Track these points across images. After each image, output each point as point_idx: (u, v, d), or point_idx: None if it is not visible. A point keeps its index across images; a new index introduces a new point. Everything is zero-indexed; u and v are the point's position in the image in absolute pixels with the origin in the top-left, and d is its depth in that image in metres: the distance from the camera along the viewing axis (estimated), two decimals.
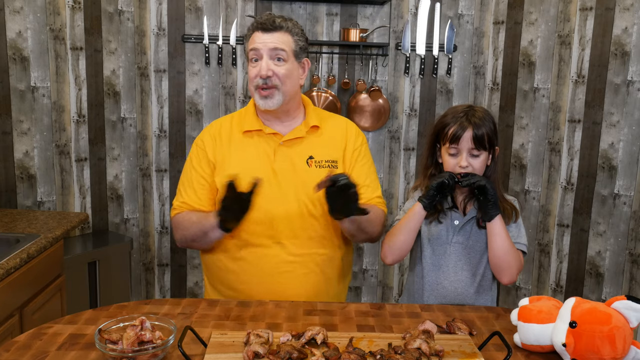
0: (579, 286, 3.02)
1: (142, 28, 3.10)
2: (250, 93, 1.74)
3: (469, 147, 1.59)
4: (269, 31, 1.66)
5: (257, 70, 1.67)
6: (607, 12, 2.79)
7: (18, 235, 2.16)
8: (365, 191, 1.78)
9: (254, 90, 1.69)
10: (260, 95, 1.68)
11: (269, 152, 1.72)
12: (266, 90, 1.67)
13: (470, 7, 3.21)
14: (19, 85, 2.69)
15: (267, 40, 1.66)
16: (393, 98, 3.28)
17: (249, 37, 1.71)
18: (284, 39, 1.67)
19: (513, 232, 1.66)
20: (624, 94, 2.81)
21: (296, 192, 1.70)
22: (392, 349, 1.26)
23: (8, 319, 1.92)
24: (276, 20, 1.67)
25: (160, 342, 1.22)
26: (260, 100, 1.69)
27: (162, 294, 3.38)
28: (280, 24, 1.67)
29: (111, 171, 3.11)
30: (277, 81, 1.67)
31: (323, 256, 1.73)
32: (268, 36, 1.66)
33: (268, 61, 1.66)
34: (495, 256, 1.62)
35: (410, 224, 1.64)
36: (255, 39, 1.68)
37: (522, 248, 1.66)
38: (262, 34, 1.67)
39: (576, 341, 1.21)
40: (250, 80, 1.70)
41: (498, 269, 1.64)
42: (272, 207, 1.69)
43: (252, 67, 1.69)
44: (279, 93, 1.68)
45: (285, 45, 1.67)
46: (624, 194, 2.86)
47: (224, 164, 1.73)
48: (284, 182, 1.70)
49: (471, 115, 1.61)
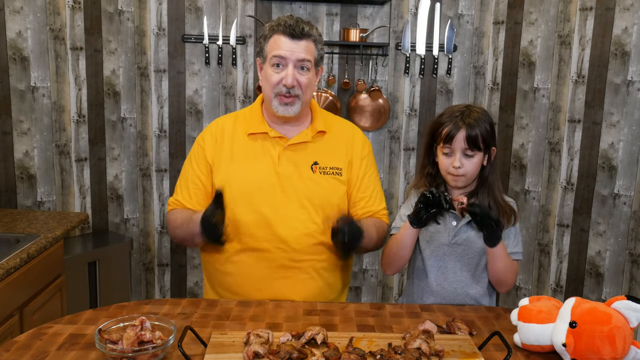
0: (579, 286, 3.02)
1: (142, 28, 3.10)
2: (266, 97, 1.70)
3: (462, 147, 1.59)
4: (296, 38, 1.62)
5: (281, 77, 1.63)
6: (607, 12, 2.79)
7: (18, 235, 2.16)
8: (372, 204, 1.79)
9: (272, 96, 1.66)
10: (281, 102, 1.66)
11: (273, 155, 1.71)
12: (289, 99, 1.65)
13: (470, 7, 3.21)
14: (19, 85, 2.69)
15: (294, 48, 1.62)
16: (393, 98, 3.28)
17: (269, 37, 1.66)
18: (310, 48, 1.65)
19: (510, 238, 1.66)
20: (624, 94, 2.81)
21: (299, 197, 1.69)
22: (392, 349, 1.26)
23: (8, 319, 1.92)
24: (304, 28, 1.63)
25: (160, 342, 1.22)
26: (280, 107, 1.66)
27: (162, 294, 3.39)
28: (308, 32, 1.63)
29: (111, 171, 3.11)
30: (300, 91, 1.65)
31: (323, 262, 1.72)
32: (295, 44, 1.62)
33: (294, 70, 1.63)
34: (496, 275, 1.65)
35: (404, 241, 1.66)
36: (281, 44, 1.63)
37: (518, 257, 1.68)
38: (289, 40, 1.62)
39: (576, 341, 1.21)
40: (270, 85, 1.65)
41: (497, 282, 1.68)
42: (274, 212, 1.68)
43: (274, 73, 1.64)
44: (299, 101, 1.67)
45: (311, 55, 1.65)
46: (624, 194, 2.86)
47: (221, 166, 1.72)
48: (287, 186, 1.69)
49: (466, 115, 1.60)
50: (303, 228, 1.68)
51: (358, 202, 1.78)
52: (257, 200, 1.68)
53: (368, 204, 1.78)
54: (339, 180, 1.74)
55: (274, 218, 1.67)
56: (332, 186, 1.72)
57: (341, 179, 1.74)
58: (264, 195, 1.68)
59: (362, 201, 1.78)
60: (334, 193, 1.73)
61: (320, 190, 1.71)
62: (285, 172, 1.70)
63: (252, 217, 1.67)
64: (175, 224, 1.75)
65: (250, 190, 1.68)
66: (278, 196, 1.68)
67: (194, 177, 1.76)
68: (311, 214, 1.69)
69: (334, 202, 1.73)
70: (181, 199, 1.77)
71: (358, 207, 1.78)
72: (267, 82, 1.68)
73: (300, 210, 1.69)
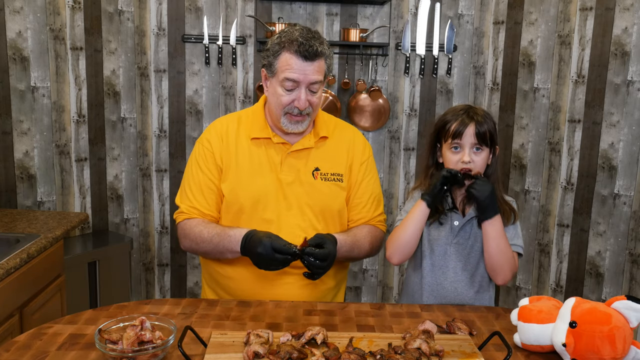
0: (579, 286, 3.02)
1: (142, 28, 3.10)
2: (274, 112, 1.67)
3: (472, 142, 1.59)
4: (309, 60, 1.58)
5: (292, 99, 1.61)
6: (607, 12, 2.79)
7: (18, 235, 2.16)
8: (368, 210, 1.78)
9: (281, 114, 1.64)
10: (291, 121, 1.65)
11: (276, 161, 1.70)
12: (299, 117, 1.64)
13: (470, 7, 3.21)
14: (19, 85, 2.69)
15: (307, 70, 1.58)
16: (393, 98, 3.28)
17: (279, 53, 1.60)
18: (321, 67, 1.61)
19: (510, 233, 1.66)
20: (624, 94, 2.81)
21: (300, 204, 1.69)
22: (392, 349, 1.26)
23: (8, 319, 1.92)
24: (317, 48, 1.58)
25: (160, 342, 1.22)
26: (290, 125, 1.65)
27: (162, 294, 3.38)
28: (321, 52, 1.59)
29: (111, 171, 3.11)
30: (310, 110, 1.65)
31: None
32: (308, 66, 1.58)
33: (306, 93, 1.61)
34: (489, 256, 1.63)
35: (414, 221, 1.62)
36: (293, 65, 1.58)
37: (518, 250, 1.67)
38: (301, 61, 1.57)
39: (576, 341, 1.21)
40: (280, 105, 1.63)
41: (491, 268, 1.65)
42: (275, 217, 1.68)
43: (285, 94, 1.61)
44: (308, 118, 1.67)
45: (322, 75, 1.63)
46: (624, 194, 2.86)
47: (229, 169, 1.70)
48: (289, 193, 1.69)
49: (472, 112, 1.62)
50: (304, 234, 1.67)
51: (354, 207, 1.77)
52: (260, 207, 1.68)
53: (364, 210, 1.78)
54: (340, 186, 1.74)
55: (275, 224, 1.67)
56: (332, 192, 1.72)
57: (342, 185, 1.74)
58: (266, 202, 1.68)
59: (358, 207, 1.77)
60: (335, 199, 1.73)
61: (321, 196, 1.70)
62: (287, 179, 1.69)
63: (254, 223, 1.66)
64: (201, 236, 1.66)
65: (253, 197, 1.67)
66: (280, 203, 1.68)
67: (207, 182, 1.71)
68: (312, 220, 1.69)
69: (334, 209, 1.73)
70: (198, 206, 1.71)
71: (354, 212, 1.78)
72: (276, 100, 1.64)
73: (301, 216, 1.69)
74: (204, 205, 1.71)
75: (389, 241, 1.69)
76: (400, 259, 1.67)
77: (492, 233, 1.60)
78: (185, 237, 1.71)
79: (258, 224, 1.66)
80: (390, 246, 1.67)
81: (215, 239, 1.64)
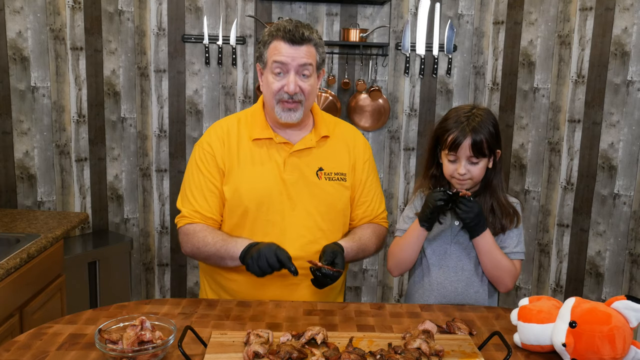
0: (579, 286, 3.02)
1: (142, 28, 3.10)
2: (268, 103, 1.68)
3: (467, 155, 1.59)
4: (296, 44, 1.59)
5: (282, 84, 1.61)
6: (607, 12, 2.79)
7: (18, 235, 2.16)
8: (373, 208, 1.81)
9: (274, 103, 1.64)
10: (284, 109, 1.64)
11: (279, 161, 1.69)
12: (291, 104, 1.63)
13: (470, 7, 3.21)
14: (19, 85, 2.69)
15: (295, 54, 1.59)
16: (393, 98, 3.28)
17: (268, 43, 1.62)
18: (310, 52, 1.62)
19: (512, 239, 1.66)
20: (624, 94, 2.81)
21: (305, 204, 1.68)
22: (392, 349, 1.26)
23: (8, 319, 1.92)
24: (305, 33, 1.59)
25: (160, 342, 1.22)
26: (283, 114, 1.64)
27: (162, 294, 3.39)
28: (309, 37, 1.60)
29: (111, 171, 3.11)
30: (302, 97, 1.63)
31: None
32: (295, 50, 1.59)
33: (295, 77, 1.61)
34: (486, 270, 1.66)
35: (412, 244, 1.66)
36: (281, 50, 1.59)
37: (519, 257, 1.67)
38: (288, 46, 1.59)
39: (576, 341, 1.21)
40: (272, 92, 1.63)
41: (491, 280, 1.68)
42: (280, 218, 1.67)
43: (275, 80, 1.62)
44: (301, 107, 1.65)
45: (312, 59, 1.62)
46: (624, 194, 2.86)
47: (232, 172, 1.69)
48: (293, 192, 1.68)
49: (472, 120, 1.59)
50: (309, 235, 1.68)
51: (360, 205, 1.79)
52: (264, 208, 1.67)
53: (369, 208, 1.80)
54: (344, 185, 1.74)
55: (280, 225, 1.67)
56: (337, 192, 1.72)
57: (345, 184, 1.74)
58: (271, 203, 1.67)
59: (363, 205, 1.79)
60: (339, 199, 1.73)
61: (326, 196, 1.70)
62: (291, 179, 1.68)
63: (259, 225, 1.66)
64: (205, 241, 1.65)
65: (257, 198, 1.67)
66: (284, 203, 1.68)
67: (210, 185, 1.70)
68: (317, 220, 1.69)
69: (339, 208, 1.73)
70: (200, 209, 1.69)
71: (360, 210, 1.79)
72: (268, 89, 1.65)
73: (307, 217, 1.68)
74: (206, 208, 1.70)
75: (390, 256, 1.74)
76: (400, 273, 1.75)
77: (483, 247, 1.61)
78: (187, 241, 1.70)
79: (263, 225, 1.66)
80: (390, 261, 1.74)
81: (218, 245, 1.63)
